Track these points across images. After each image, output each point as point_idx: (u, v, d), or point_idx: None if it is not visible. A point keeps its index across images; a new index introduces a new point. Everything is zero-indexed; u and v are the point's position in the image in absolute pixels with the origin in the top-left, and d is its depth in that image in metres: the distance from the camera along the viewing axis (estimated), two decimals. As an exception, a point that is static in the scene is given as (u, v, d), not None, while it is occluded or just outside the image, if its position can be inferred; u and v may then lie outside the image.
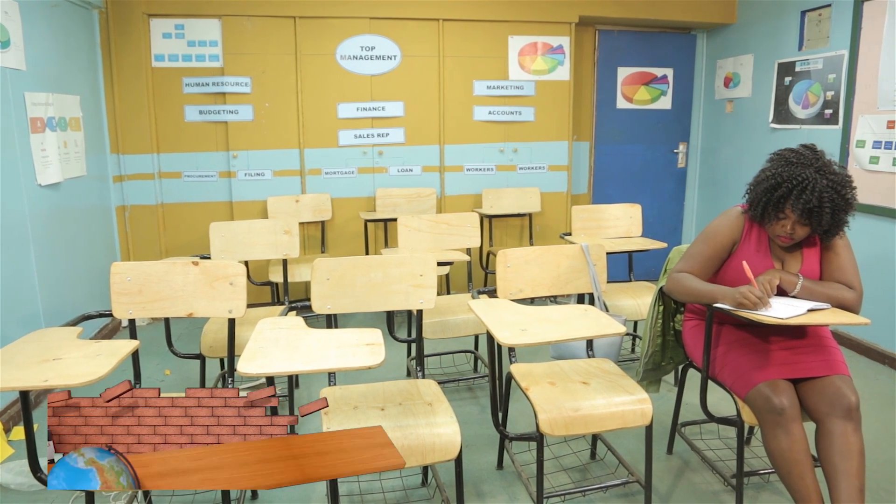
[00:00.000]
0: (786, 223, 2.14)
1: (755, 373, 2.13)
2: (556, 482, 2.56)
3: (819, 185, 2.05)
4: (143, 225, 4.60)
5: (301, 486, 2.54)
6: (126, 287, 2.31)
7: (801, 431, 2.04)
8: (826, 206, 2.05)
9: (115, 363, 1.72)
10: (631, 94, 5.49)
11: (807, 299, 2.14)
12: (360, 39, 4.71)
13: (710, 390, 2.32)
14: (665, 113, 5.61)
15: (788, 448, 2.02)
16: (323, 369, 1.69)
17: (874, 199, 3.80)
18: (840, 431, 1.99)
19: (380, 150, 4.86)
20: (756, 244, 2.28)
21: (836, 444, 1.99)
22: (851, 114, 3.99)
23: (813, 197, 2.05)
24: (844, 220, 2.13)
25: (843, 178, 2.09)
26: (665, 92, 5.57)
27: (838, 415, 2.01)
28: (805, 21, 4.45)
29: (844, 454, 1.97)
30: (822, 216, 2.07)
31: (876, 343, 3.89)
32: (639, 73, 5.48)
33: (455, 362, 3.81)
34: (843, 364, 2.16)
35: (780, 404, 2.02)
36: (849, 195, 2.09)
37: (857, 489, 1.93)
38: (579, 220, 3.81)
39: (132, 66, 4.41)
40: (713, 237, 2.31)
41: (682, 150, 5.71)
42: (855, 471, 1.95)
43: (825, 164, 2.10)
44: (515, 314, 2.17)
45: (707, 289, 2.20)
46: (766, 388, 2.07)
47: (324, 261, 2.39)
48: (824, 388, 2.07)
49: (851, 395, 2.04)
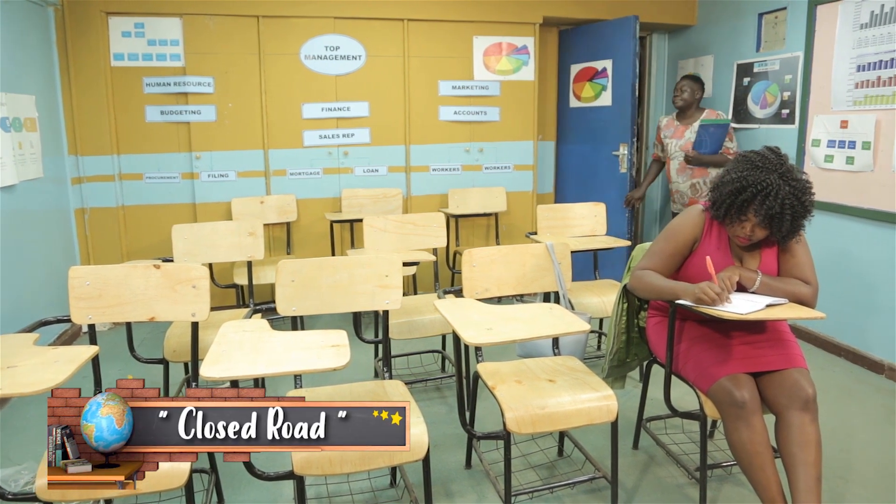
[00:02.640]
0: (746, 225, 2.19)
1: (717, 367, 2.18)
2: (524, 480, 2.58)
3: (782, 191, 2.09)
4: (103, 228, 4.51)
5: (268, 487, 2.52)
6: (85, 291, 2.26)
7: (761, 424, 2.09)
8: (787, 212, 2.10)
9: (72, 370, 1.68)
10: (579, 92, 5.37)
11: (766, 295, 2.19)
12: (324, 39, 4.68)
13: (674, 385, 2.36)
14: (605, 110, 5.16)
15: (749, 440, 2.07)
16: (287, 372, 1.68)
17: (829, 196, 3.91)
18: (798, 423, 2.06)
19: (345, 151, 4.84)
20: (717, 242, 2.32)
21: (794, 434, 2.05)
22: (807, 114, 4.10)
23: (776, 203, 2.09)
24: (802, 225, 2.19)
25: (804, 185, 2.14)
26: (605, 87, 5.11)
27: (796, 406, 2.07)
28: (762, 23, 4.55)
29: (802, 444, 2.03)
30: (783, 222, 2.12)
31: (832, 336, 4.00)
32: (584, 68, 5.28)
33: (423, 362, 3.81)
34: (800, 357, 2.22)
35: (742, 398, 2.07)
36: (808, 201, 2.14)
37: (815, 478, 2.00)
38: (545, 219, 3.84)
39: (90, 66, 4.31)
40: (675, 235, 2.35)
41: (622, 151, 5.57)
42: (812, 460, 2.01)
43: (788, 169, 2.15)
44: (481, 313, 2.18)
45: (668, 285, 2.24)
46: (728, 382, 2.12)
47: (288, 262, 2.37)
48: (783, 381, 2.13)
49: (808, 387, 2.10)
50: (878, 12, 3.58)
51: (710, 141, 4.29)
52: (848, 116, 3.78)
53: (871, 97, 3.64)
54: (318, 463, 1.85)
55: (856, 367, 3.78)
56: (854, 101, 3.75)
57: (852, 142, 3.75)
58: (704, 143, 4.34)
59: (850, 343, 3.88)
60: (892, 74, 3.52)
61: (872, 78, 3.63)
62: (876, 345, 3.72)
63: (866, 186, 3.69)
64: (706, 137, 4.31)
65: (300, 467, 1.84)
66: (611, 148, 5.13)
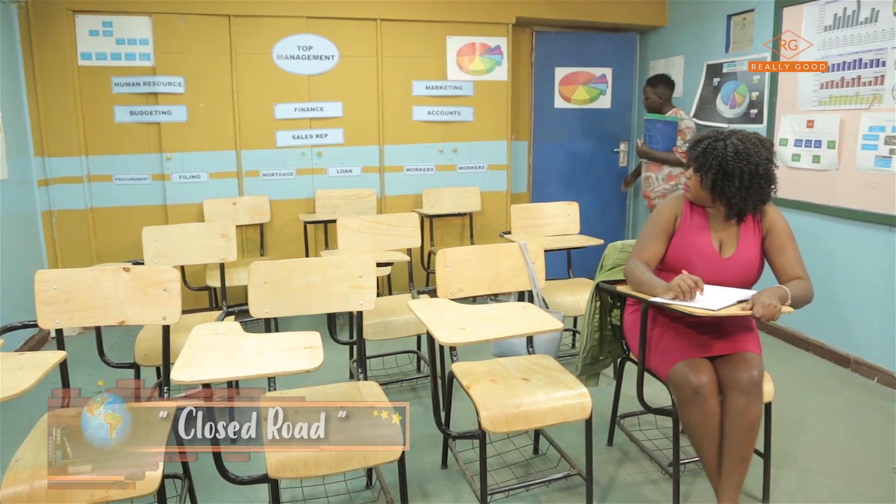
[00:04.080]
0: (694, 177, 2.32)
1: (676, 353, 2.26)
2: (500, 478, 2.59)
3: (730, 144, 2.22)
4: (72, 231, 4.43)
5: (242, 491, 2.50)
6: (52, 296, 2.22)
7: (714, 407, 2.16)
8: (733, 167, 2.20)
9: (39, 376, 1.65)
10: (569, 94, 5.57)
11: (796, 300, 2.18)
12: (296, 39, 4.65)
13: (647, 382, 2.39)
14: (605, 112, 5.69)
15: (701, 423, 2.16)
16: (260, 374, 1.67)
17: (797, 194, 3.98)
18: (736, 404, 2.14)
19: (319, 151, 4.81)
20: (698, 222, 2.38)
21: (730, 415, 2.14)
22: (775, 113, 4.17)
23: (721, 151, 2.22)
24: (755, 196, 2.25)
25: (757, 149, 2.22)
26: (604, 91, 5.66)
27: (737, 389, 2.15)
28: (731, 24, 4.62)
29: (734, 425, 2.13)
30: (731, 182, 2.22)
31: (800, 331, 4.08)
32: (576, 72, 5.54)
33: (398, 363, 3.80)
34: (752, 343, 2.29)
35: (697, 382, 2.15)
36: (758, 168, 2.21)
37: (740, 457, 2.13)
38: (518, 218, 3.85)
39: (56, 65, 4.23)
40: (658, 216, 2.43)
41: (623, 149, 5.82)
42: (741, 440, 2.12)
43: (746, 137, 2.26)
44: (455, 313, 2.18)
45: (648, 280, 2.27)
46: (685, 366, 2.19)
47: (261, 264, 2.35)
48: (730, 364, 2.20)
49: (752, 370, 2.15)
50: (842, 15, 3.66)
51: (660, 137, 4.43)
52: (814, 116, 3.85)
53: (836, 97, 3.71)
54: (292, 465, 1.84)
55: (823, 360, 3.86)
56: (819, 102, 3.82)
57: (818, 141, 3.82)
58: (653, 139, 4.50)
59: (817, 337, 3.96)
60: (855, 76, 3.60)
61: (836, 79, 3.71)
62: (842, 339, 3.80)
63: (832, 185, 3.77)
64: (653, 133, 4.46)
65: (274, 470, 1.83)
66: (610, 146, 5.79)
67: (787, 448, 2.81)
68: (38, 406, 1.85)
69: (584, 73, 5.57)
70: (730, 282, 2.28)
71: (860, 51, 3.56)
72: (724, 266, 2.31)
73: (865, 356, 3.64)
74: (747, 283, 2.32)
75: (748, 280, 2.33)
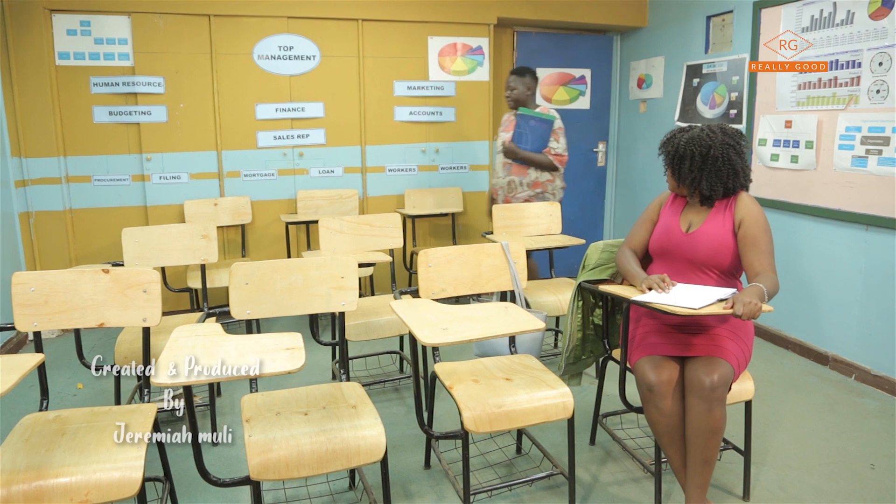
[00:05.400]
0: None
1: (644, 349, 2.30)
2: (483, 478, 2.59)
3: (694, 132, 2.35)
4: (50, 232, 4.37)
5: (224, 494, 2.48)
6: (30, 298, 2.19)
7: (670, 407, 2.18)
8: (685, 152, 2.34)
9: (16, 379, 1.63)
10: (549, 95, 5.60)
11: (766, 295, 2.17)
12: (277, 39, 4.63)
13: (629, 382, 2.40)
14: (584, 113, 5.76)
15: (656, 421, 2.21)
16: (241, 376, 1.66)
17: (775, 194, 4.03)
18: (696, 408, 2.14)
19: (300, 152, 4.79)
20: (677, 207, 2.51)
21: (690, 418, 2.16)
22: (754, 114, 4.22)
23: (681, 140, 2.36)
24: (708, 180, 2.33)
25: (715, 135, 2.33)
26: (583, 92, 5.71)
27: (696, 393, 2.14)
28: (710, 25, 4.67)
29: (694, 428, 2.14)
30: (683, 165, 2.35)
31: (780, 329, 4.13)
32: (557, 73, 5.60)
33: (381, 364, 3.79)
34: (724, 349, 2.23)
35: (653, 380, 2.18)
36: (713, 152, 2.30)
37: (701, 461, 2.14)
38: (500, 218, 3.86)
39: (33, 65, 4.17)
40: (648, 207, 2.60)
41: (601, 149, 5.87)
42: (702, 444, 2.13)
43: (714, 126, 2.38)
44: (437, 313, 2.18)
45: (630, 269, 2.39)
46: (646, 362, 2.24)
47: (242, 265, 2.33)
48: (695, 367, 2.18)
49: (713, 375, 2.11)
50: (818, 16, 3.71)
51: (532, 136, 4.02)
52: (792, 117, 3.90)
53: (813, 98, 3.76)
54: (274, 467, 1.83)
55: (803, 359, 3.91)
56: (797, 102, 3.87)
57: (796, 141, 3.87)
58: (524, 137, 4.04)
59: (797, 336, 4.01)
60: (831, 77, 3.65)
61: (814, 80, 3.76)
62: (820, 337, 3.85)
63: (810, 184, 3.82)
64: (526, 130, 4.02)
65: (256, 472, 1.82)
66: (589, 146, 5.85)
67: (767, 445, 2.85)
68: (15, 410, 1.82)
69: (564, 74, 5.62)
70: (697, 259, 2.33)
71: (837, 52, 3.61)
72: (687, 241, 2.37)
73: (843, 354, 3.69)
74: (717, 264, 2.33)
75: (717, 259, 2.32)
